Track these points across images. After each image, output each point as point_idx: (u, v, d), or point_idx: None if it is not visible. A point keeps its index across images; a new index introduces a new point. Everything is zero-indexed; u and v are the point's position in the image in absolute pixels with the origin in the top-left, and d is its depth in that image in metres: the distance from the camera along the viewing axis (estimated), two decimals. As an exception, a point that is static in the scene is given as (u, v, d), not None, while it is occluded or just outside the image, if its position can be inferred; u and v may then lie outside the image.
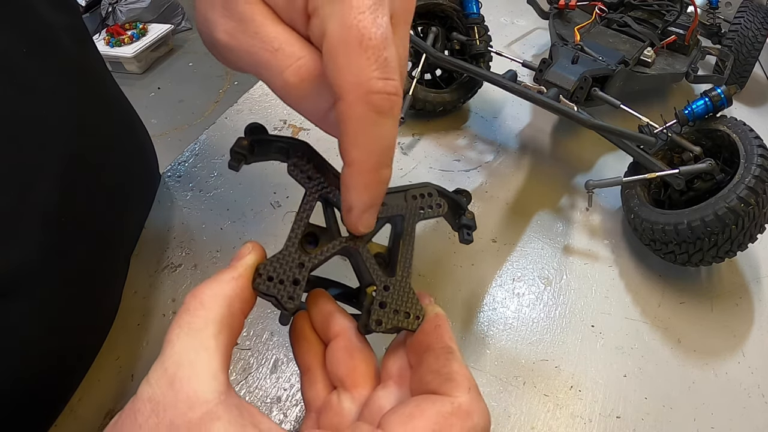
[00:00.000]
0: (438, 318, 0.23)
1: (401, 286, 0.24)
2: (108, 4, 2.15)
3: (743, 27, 0.60)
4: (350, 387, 0.23)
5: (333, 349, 0.24)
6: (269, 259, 0.23)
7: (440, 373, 0.21)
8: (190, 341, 0.19)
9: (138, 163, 0.43)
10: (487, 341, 0.38)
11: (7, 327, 0.26)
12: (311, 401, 0.24)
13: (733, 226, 0.37)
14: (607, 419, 0.34)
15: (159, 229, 0.43)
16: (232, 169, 0.25)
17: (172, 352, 0.19)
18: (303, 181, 0.25)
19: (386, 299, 0.23)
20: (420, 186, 0.27)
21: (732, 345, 0.39)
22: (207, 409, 0.18)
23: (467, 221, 0.28)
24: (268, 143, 0.26)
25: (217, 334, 0.20)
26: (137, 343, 0.36)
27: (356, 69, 0.18)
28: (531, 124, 0.58)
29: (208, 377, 0.19)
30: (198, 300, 0.21)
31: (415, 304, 0.24)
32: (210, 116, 1.81)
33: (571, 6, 0.62)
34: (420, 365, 0.22)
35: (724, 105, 0.43)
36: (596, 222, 0.47)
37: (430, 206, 0.26)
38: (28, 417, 0.30)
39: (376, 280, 0.23)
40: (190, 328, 0.20)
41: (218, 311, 0.20)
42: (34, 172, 0.27)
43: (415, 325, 0.23)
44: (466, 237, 0.28)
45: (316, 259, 0.23)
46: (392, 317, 0.23)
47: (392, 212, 0.25)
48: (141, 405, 0.18)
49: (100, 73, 0.37)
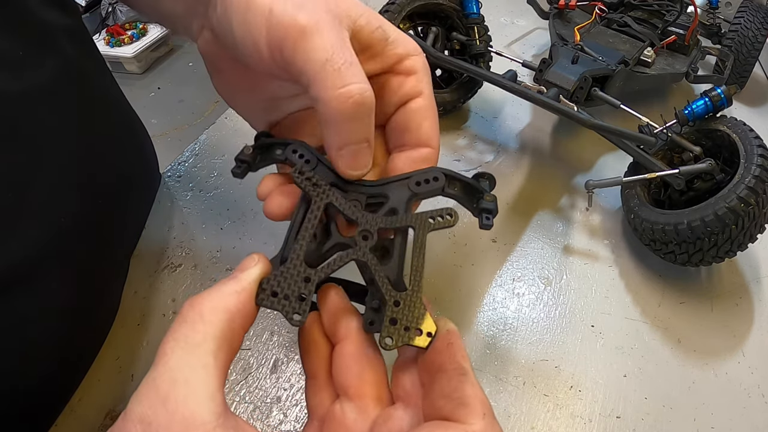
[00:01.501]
0: (450, 335, 0.22)
1: (412, 301, 0.22)
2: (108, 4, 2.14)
3: (743, 27, 0.60)
4: (354, 397, 0.21)
5: (339, 354, 0.23)
6: (274, 273, 0.22)
7: (452, 397, 0.20)
8: (187, 357, 0.18)
9: (138, 163, 0.43)
10: (487, 341, 0.38)
11: (7, 327, 0.26)
12: (315, 408, 0.23)
13: (733, 226, 0.37)
14: (607, 419, 0.34)
15: (159, 229, 0.43)
16: (236, 177, 0.25)
17: (166, 368, 0.18)
18: (308, 190, 0.24)
19: (397, 315, 0.22)
20: (425, 171, 0.26)
21: (732, 345, 0.39)
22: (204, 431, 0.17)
23: (486, 204, 0.25)
24: (270, 147, 0.26)
25: (216, 351, 0.19)
26: (137, 343, 0.36)
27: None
28: (531, 124, 0.58)
29: (205, 397, 0.17)
30: (197, 312, 0.19)
31: (427, 321, 0.22)
32: (210, 116, 1.81)
33: (571, 6, 0.62)
34: (432, 387, 0.21)
35: (724, 105, 0.43)
36: (596, 222, 0.47)
37: (440, 216, 0.24)
38: (28, 417, 0.30)
39: (386, 296, 0.22)
40: (187, 342, 0.18)
41: (218, 326, 0.19)
42: (34, 172, 0.27)
43: (427, 343, 0.22)
44: (485, 222, 0.25)
45: (323, 273, 0.22)
46: (403, 334, 0.22)
47: (401, 224, 0.24)
48: (131, 426, 0.17)
49: (99, 74, 0.37)
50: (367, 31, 0.25)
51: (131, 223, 0.41)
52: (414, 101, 0.26)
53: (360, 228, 0.23)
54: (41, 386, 0.30)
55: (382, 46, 0.26)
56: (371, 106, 0.23)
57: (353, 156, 0.24)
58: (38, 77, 0.28)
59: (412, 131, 0.26)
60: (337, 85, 0.22)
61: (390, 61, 0.26)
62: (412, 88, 0.26)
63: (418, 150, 0.26)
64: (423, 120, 0.26)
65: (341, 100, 0.22)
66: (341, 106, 0.22)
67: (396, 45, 0.26)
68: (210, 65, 0.29)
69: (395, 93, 0.26)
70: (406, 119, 0.26)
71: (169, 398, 0.17)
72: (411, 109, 0.26)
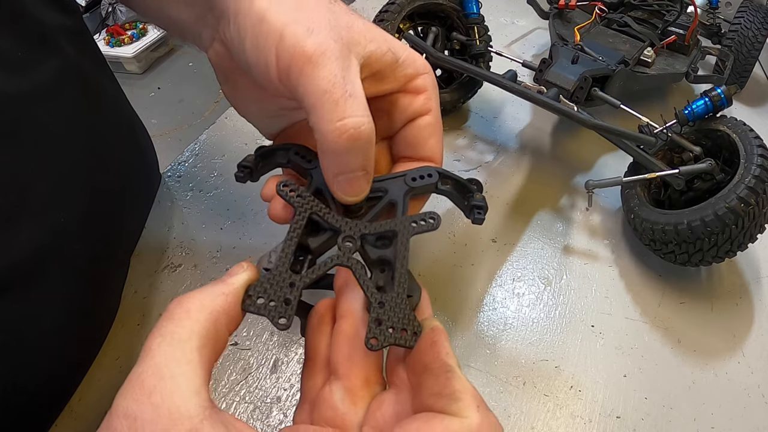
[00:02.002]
0: (434, 333, 0.22)
1: (396, 302, 0.23)
2: (108, 4, 2.14)
3: (743, 27, 0.60)
4: (343, 376, 0.22)
5: (335, 332, 0.23)
6: (260, 281, 0.22)
7: (443, 394, 0.20)
8: (173, 352, 0.18)
9: (138, 163, 0.43)
10: (487, 341, 0.38)
11: (7, 327, 0.26)
12: (307, 391, 0.23)
13: (733, 226, 0.37)
14: (607, 419, 0.34)
15: (159, 229, 0.43)
16: (239, 181, 0.27)
17: (152, 363, 0.18)
18: (292, 200, 0.25)
19: (382, 316, 0.22)
20: (418, 169, 0.27)
21: (732, 345, 0.39)
22: (191, 425, 0.17)
23: (477, 201, 0.27)
24: (271, 153, 0.28)
25: (201, 348, 0.19)
26: (137, 343, 0.36)
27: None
28: (531, 124, 0.58)
29: (191, 392, 0.18)
30: (183, 309, 0.20)
31: (412, 321, 0.23)
32: (210, 116, 1.81)
33: (571, 6, 0.62)
34: (420, 387, 0.21)
35: (724, 105, 0.43)
36: (596, 222, 0.47)
37: (423, 219, 0.25)
38: (28, 417, 0.30)
39: (371, 298, 0.23)
40: (173, 338, 0.19)
41: (204, 324, 0.19)
42: (34, 172, 0.27)
43: (413, 342, 0.22)
44: (477, 216, 0.27)
45: (307, 278, 0.23)
46: (388, 335, 0.22)
47: (383, 228, 0.25)
48: (117, 423, 0.17)
49: (100, 74, 0.37)
50: (377, 55, 0.25)
51: (131, 223, 0.41)
52: (422, 118, 0.28)
53: (343, 234, 0.24)
54: (41, 386, 0.30)
55: (393, 68, 0.26)
56: (368, 139, 0.23)
57: (348, 183, 0.25)
58: (39, 77, 0.28)
59: (418, 146, 0.28)
60: (334, 118, 0.22)
61: (400, 82, 0.27)
62: (422, 105, 0.27)
63: (422, 163, 0.28)
64: (430, 136, 0.28)
65: (337, 134, 0.22)
66: (337, 139, 0.23)
67: (406, 66, 0.27)
68: (221, 75, 0.30)
69: (404, 110, 0.27)
70: (413, 135, 0.28)
71: (154, 392, 0.17)
72: (419, 126, 0.28)
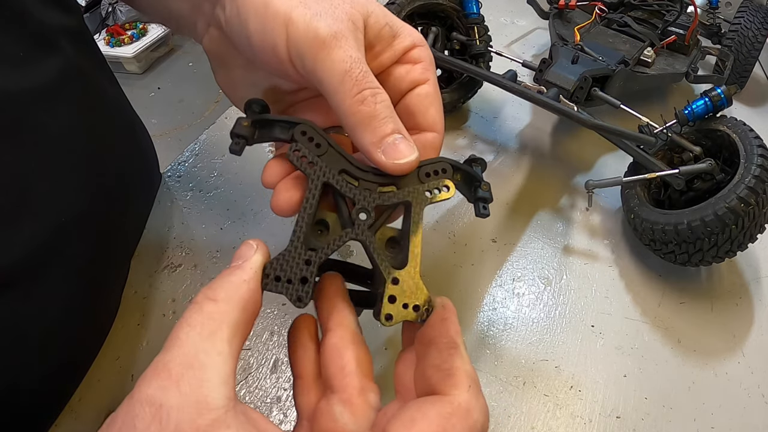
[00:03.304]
0: (445, 311, 0.23)
1: (410, 278, 0.23)
2: (108, 4, 2.14)
3: (743, 27, 0.60)
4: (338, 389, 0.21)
5: (324, 345, 0.23)
6: (275, 258, 0.22)
7: (441, 368, 0.21)
8: (203, 343, 0.19)
9: (138, 163, 0.43)
10: (487, 341, 0.38)
11: (7, 327, 0.26)
12: (303, 408, 0.23)
13: (733, 226, 0.37)
14: (607, 419, 0.34)
15: (159, 229, 0.43)
16: (234, 154, 0.24)
17: (180, 352, 0.18)
18: (304, 168, 0.24)
19: (395, 292, 0.23)
20: (433, 162, 0.26)
21: (732, 345, 0.39)
22: (216, 416, 0.17)
23: (483, 194, 0.27)
24: (271, 124, 0.25)
25: (231, 338, 0.19)
26: (137, 343, 0.36)
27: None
28: (531, 124, 0.58)
29: (219, 382, 0.18)
30: (212, 301, 0.20)
31: (424, 297, 0.23)
32: (210, 116, 1.81)
33: (571, 6, 0.62)
34: (424, 359, 0.22)
35: (724, 105, 0.43)
36: (596, 222, 0.47)
37: (437, 188, 0.25)
38: (28, 417, 0.30)
39: (385, 274, 0.23)
40: (204, 328, 0.19)
41: (233, 315, 0.20)
42: (34, 172, 0.27)
43: (424, 317, 0.23)
44: (482, 211, 0.27)
45: (323, 254, 0.22)
46: (401, 311, 0.23)
47: (398, 199, 0.25)
48: (140, 410, 0.17)
49: (100, 74, 0.37)
50: (376, 29, 0.26)
51: (131, 223, 0.41)
52: (421, 87, 0.28)
53: (357, 206, 0.24)
54: (41, 386, 0.30)
55: (390, 41, 0.27)
56: (388, 104, 0.24)
57: (393, 148, 0.24)
58: (39, 77, 0.28)
59: (419, 116, 0.28)
60: (355, 92, 0.23)
61: (398, 53, 0.27)
62: (419, 75, 0.27)
63: (425, 134, 0.27)
64: (430, 105, 0.28)
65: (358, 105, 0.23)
66: (361, 108, 0.23)
67: (403, 38, 0.27)
68: (214, 62, 0.30)
69: (403, 80, 0.28)
70: (413, 104, 0.28)
71: (182, 381, 0.18)
72: (418, 95, 0.28)
